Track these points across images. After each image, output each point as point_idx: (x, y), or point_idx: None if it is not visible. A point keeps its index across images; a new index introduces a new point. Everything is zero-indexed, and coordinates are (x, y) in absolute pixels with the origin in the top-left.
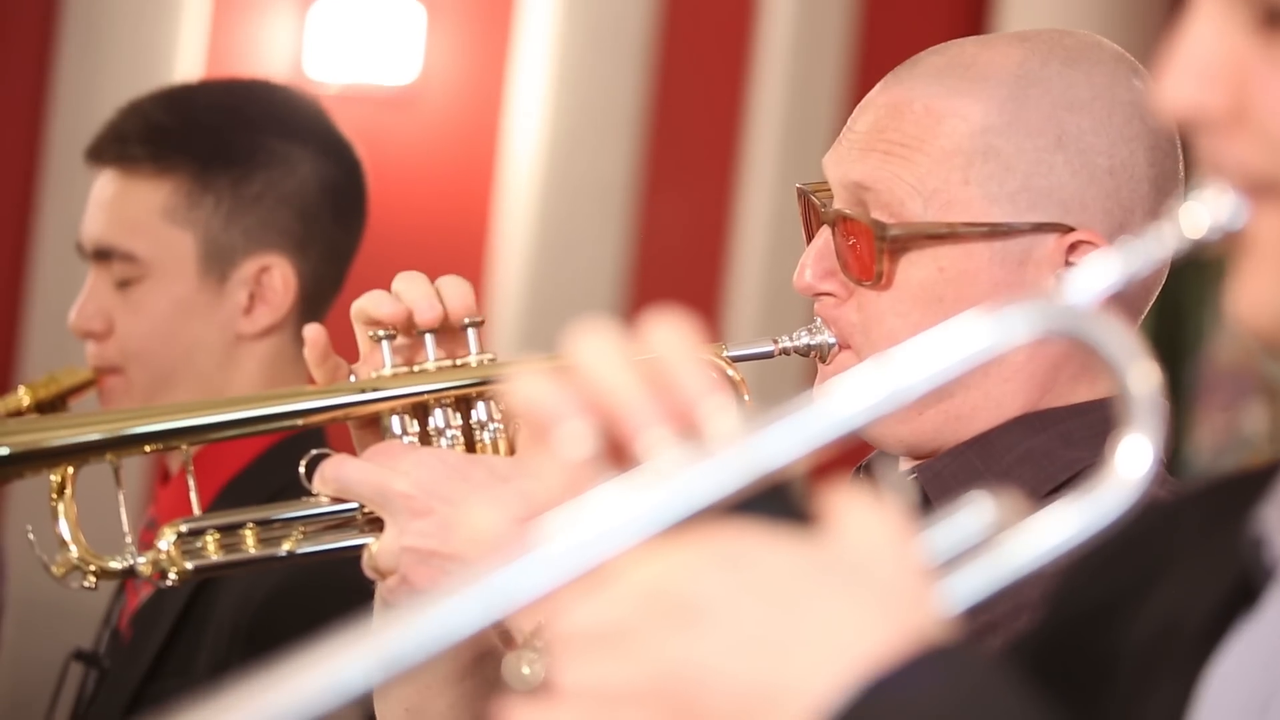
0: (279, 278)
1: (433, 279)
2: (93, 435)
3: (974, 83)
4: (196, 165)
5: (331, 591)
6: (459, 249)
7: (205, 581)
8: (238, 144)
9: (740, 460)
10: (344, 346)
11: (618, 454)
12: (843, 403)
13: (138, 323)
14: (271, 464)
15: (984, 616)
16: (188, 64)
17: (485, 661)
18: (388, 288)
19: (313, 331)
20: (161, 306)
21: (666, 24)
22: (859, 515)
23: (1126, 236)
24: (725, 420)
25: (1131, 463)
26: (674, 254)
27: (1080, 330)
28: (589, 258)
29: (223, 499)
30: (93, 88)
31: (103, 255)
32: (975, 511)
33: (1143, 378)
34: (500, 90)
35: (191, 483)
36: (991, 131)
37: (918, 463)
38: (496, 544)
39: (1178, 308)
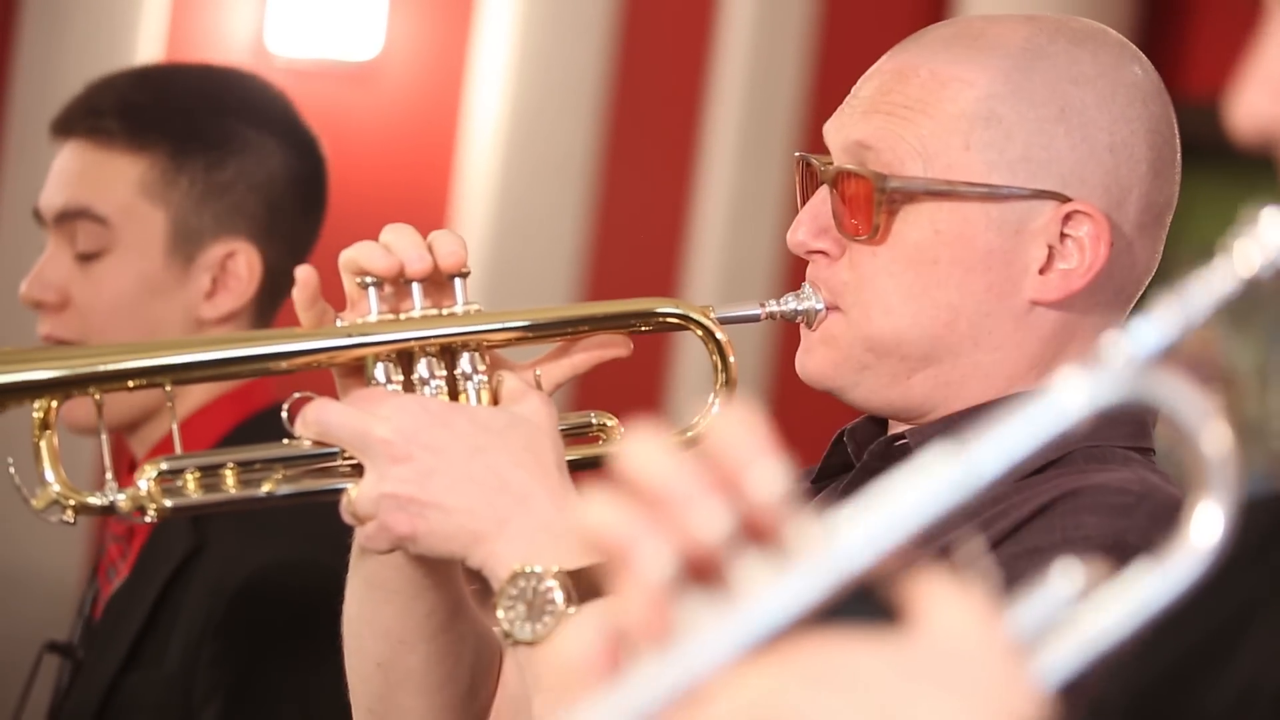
0: (244, 264)
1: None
2: (76, 369)
3: (981, 51)
4: (172, 145)
5: (307, 581)
6: (419, 224)
7: (178, 572)
8: (212, 128)
9: (826, 567)
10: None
11: (697, 569)
12: (920, 496)
13: (99, 296)
14: (246, 438)
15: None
16: (149, 37)
17: (458, 617)
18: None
19: (304, 273)
20: (125, 282)
21: (628, 0)
22: (945, 606)
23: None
24: (803, 525)
25: (1205, 530)
26: (634, 230)
27: (1147, 393)
28: (549, 234)
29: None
30: (54, 58)
31: (70, 217)
32: (1061, 582)
33: (1216, 441)
34: (461, 66)
35: (175, 427)
36: (995, 99)
37: (909, 426)
38: (584, 671)
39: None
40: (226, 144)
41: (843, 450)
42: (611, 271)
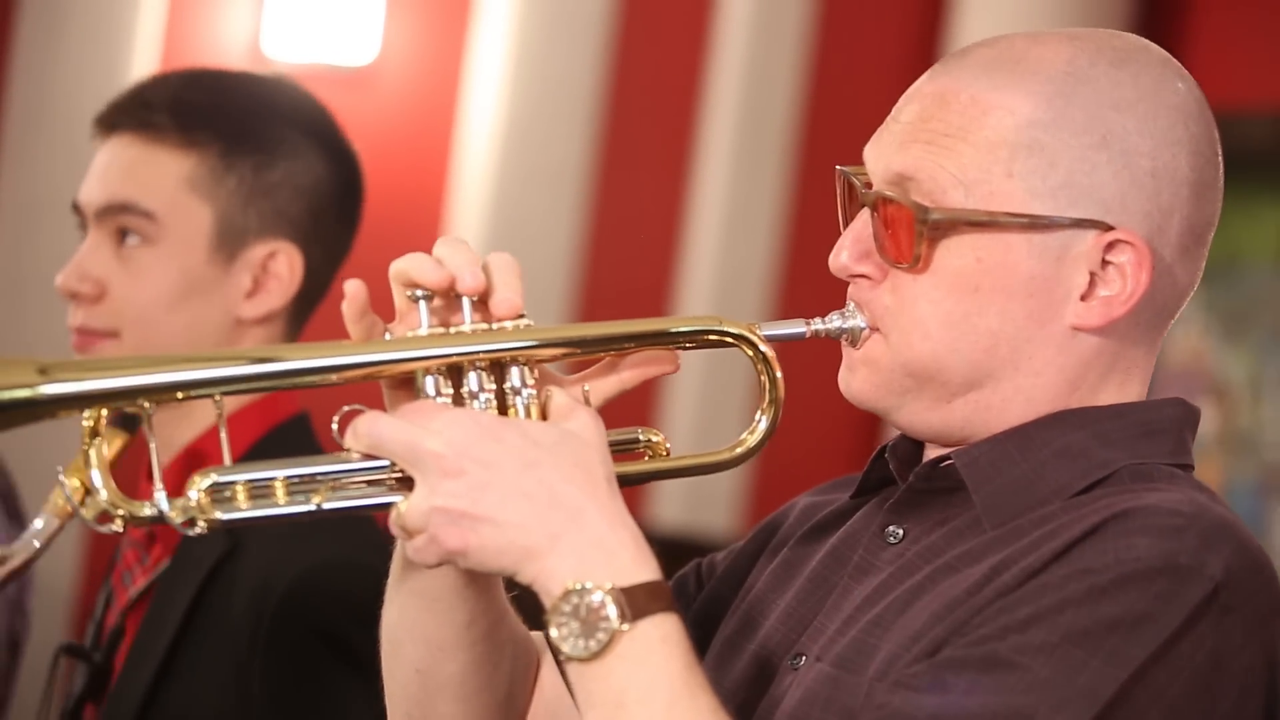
0: (285, 265)
1: (389, 259)
2: (129, 380)
3: (1023, 77)
4: (223, 143)
5: (353, 582)
6: (415, 228)
7: (211, 578)
8: (262, 131)
9: None
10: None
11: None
12: None
13: (140, 288)
14: (274, 446)
15: None
16: (146, 39)
17: (497, 626)
18: (343, 269)
19: (354, 286)
20: (168, 275)
21: (624, 6)
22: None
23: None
24: None
25: None
26: (628, 235)
27: None
28: (544, 238)
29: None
30: (51, 60)
31: (115, 211)
32: None
33: None
34: (458, 71)
35: (223, 434)
36: (1037, 126)
37: (953, 449)
38: None
39: None
40: (276, 147)
41: (884, 466)
42: (606, 277)
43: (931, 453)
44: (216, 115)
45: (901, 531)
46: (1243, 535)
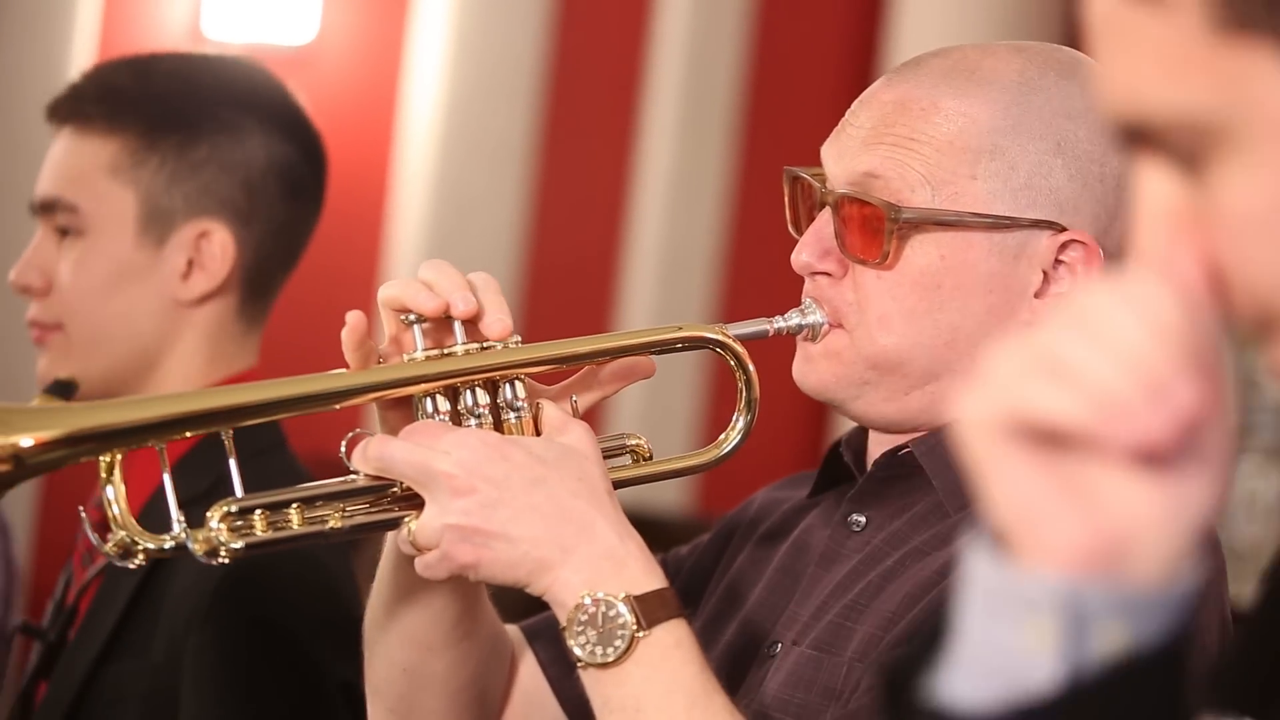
0: (218, 245)
1: (330, 241)
2: (136, 419)
3: (980, 85)
4: (145, 125)
5: (291, 571)
6: (359, 208)
7: (158, 563)
8: (188, 110)
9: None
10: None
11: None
12: None
13: (77, 279)
14: (207, 453)
15: None
16: (86, 22)
17: (480, 622)
18: None
19: (354, 318)
20: (100, 264)
21: None
22: None
23: (1109, 242)
24: None
25: None
26: (573, 211)
27: None
28: (488, 215)
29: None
30: None
31: (48, 208)
32: None
33: None
34: (398, 49)
35: (233, 463)
36: (998, 132)
37: (910, 438)
38: None
39: None
40: (200, 124)
41: (838, 462)
42: (551, 253)
43: (880, 443)
44: (142, 99)
45: (864, 519)
46: None
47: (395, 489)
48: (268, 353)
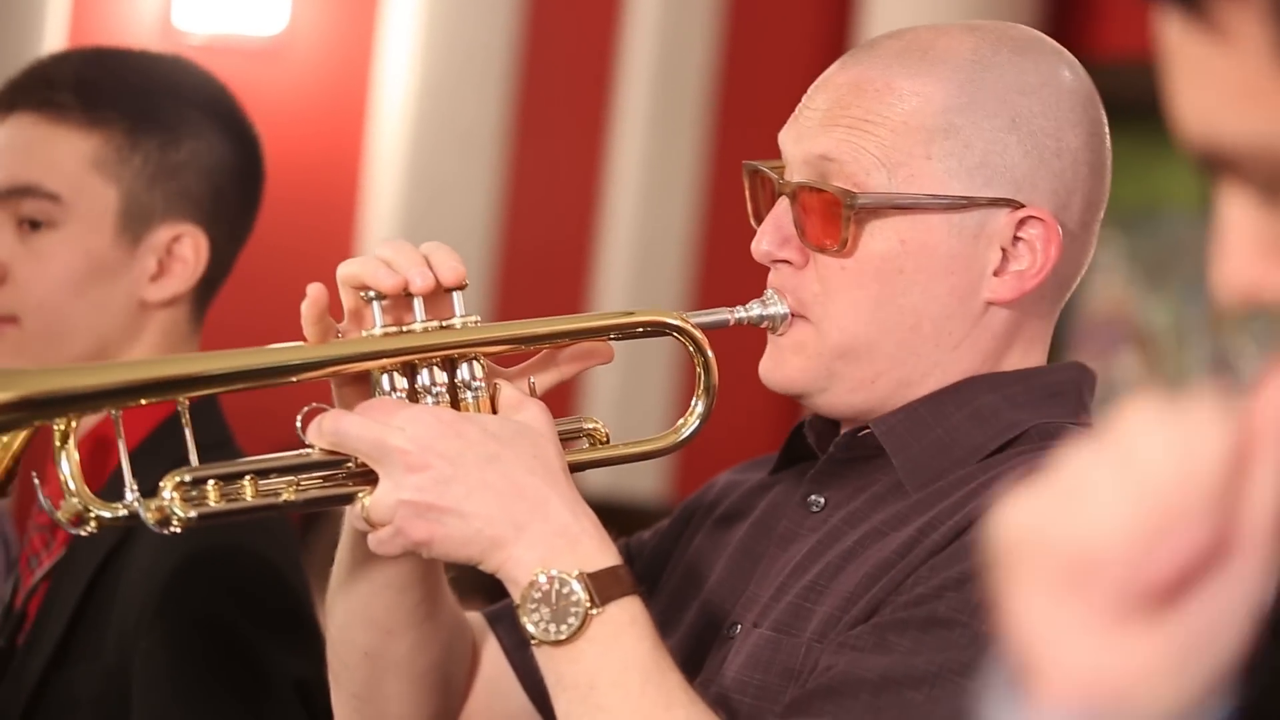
0: (190, 248)
1: (303, 231)
2: (94, 384)
3: (933, 65)
4: (128, 122)
5: (238, 566)
6: (330, 200)
7: (106, 562)
8: (167, 110)
9: None
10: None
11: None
12: None
13: (43, 271)
14: (162, 439)
15: None
16: (55, 10)
17: (440, 605)
18: (260, 239)
19: (315, 290)
20: (73, 258)
21: None
22: None
23: (1069, 218)
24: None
25: None
26: (546, 200)
27: None
28: (460, 205)
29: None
30: None
31: (17, 194)
32: None
33: None
34: (369, 38)
35: (189, 434)
36: (952, 111)
37: (875, 417)
38: None
39: None
40: (180, 126)
41: (800, 441)
42: (524, 242)
43: (848, 425)
44: (121, 94)
45: (823, 500)
46: None
47: (350, 464)
48: (242, 342)
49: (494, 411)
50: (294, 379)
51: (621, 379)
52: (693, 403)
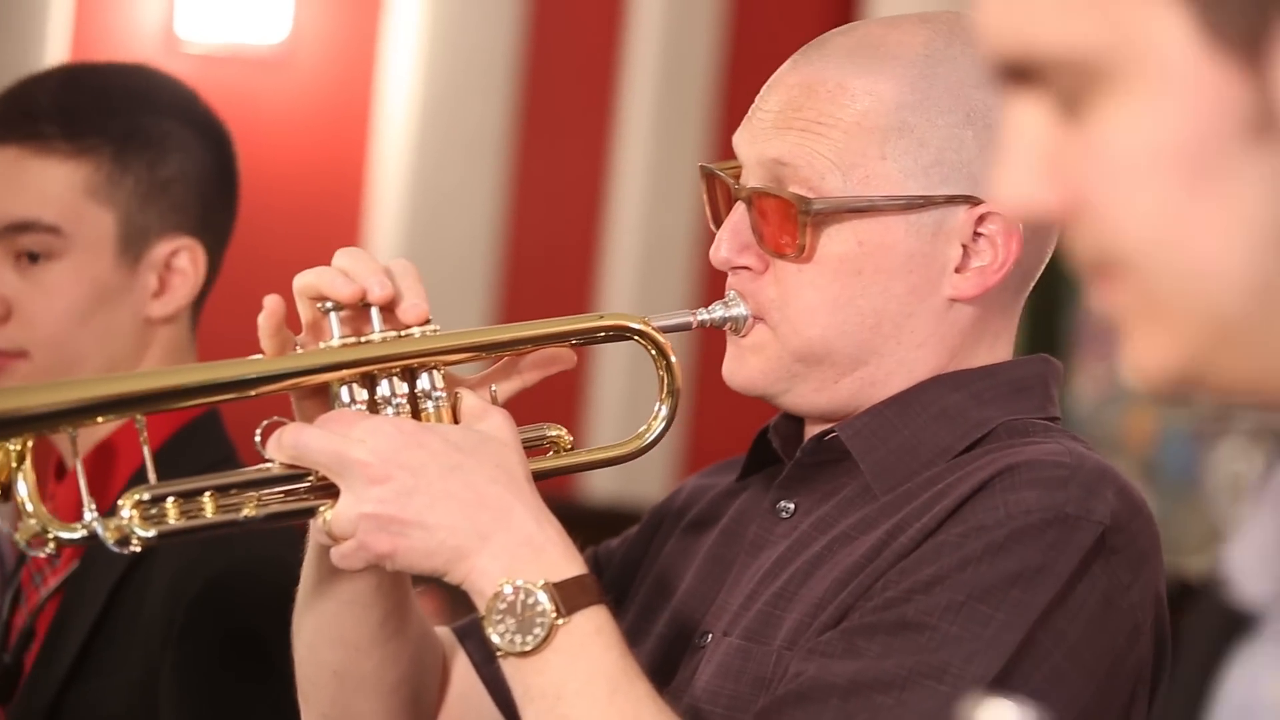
0: (188, 260)
1: (308, 240)
2: (46, 404)
3: (884, 61)
4: (113, 146)
5: (263, 587)
6: (335, 209)
7: (126, 576)
8: (149, 127)
9: None
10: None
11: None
12: None
13: (49, 304)
14: (180, 448)
15: None
16: (58, 22)
17: (408, 621)
18: (264, 250)
19: (273, 301)
20: (79, 287)
21: None
22: None
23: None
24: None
25: None
26: (549, 206)
27: None
28: (465, 212)
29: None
30: None
31: (15, 231)
32: None
33: None
34: (372, 48)
35: (147, 452)
36: (905, 108)
37: (835, 422)
38: None
39: (1057, 257)
40: (164, 141)
41: (767, 446)
42: (529, 248)
43: (814, 428)
44: (102, 116)
45: (793, 506)
46: (1120, 479)
47: (311, 478)
48: (247, 353)
49: (456, 421)
50: (252, 393)
51: (627, 381)
52: (656, 407)
